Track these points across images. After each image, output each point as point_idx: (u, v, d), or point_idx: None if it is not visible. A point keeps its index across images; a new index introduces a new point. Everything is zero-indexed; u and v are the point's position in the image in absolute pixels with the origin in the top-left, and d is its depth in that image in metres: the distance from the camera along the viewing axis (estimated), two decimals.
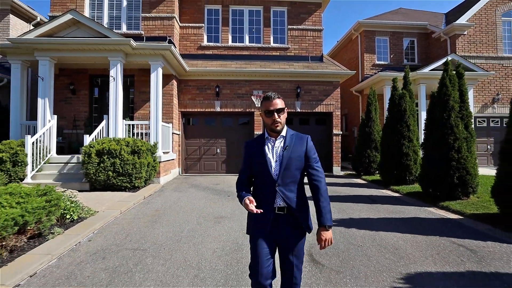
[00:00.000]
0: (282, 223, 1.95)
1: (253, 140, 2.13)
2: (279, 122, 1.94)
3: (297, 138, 2.02)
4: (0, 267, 3.22)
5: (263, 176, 1.98)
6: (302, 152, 1.99)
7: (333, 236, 3.98)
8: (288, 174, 1.94)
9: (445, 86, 6.35)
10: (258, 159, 2.01)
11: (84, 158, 7.18)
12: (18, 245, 3.62)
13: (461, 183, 6.06)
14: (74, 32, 8.44)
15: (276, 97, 1.97)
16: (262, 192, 2.00)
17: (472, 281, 3.03)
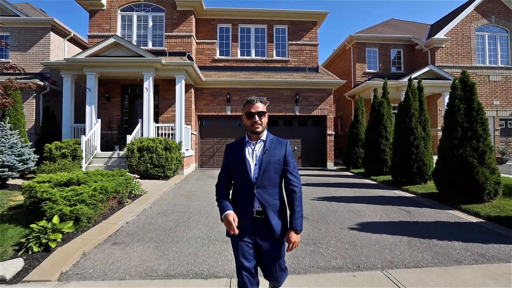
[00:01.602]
0: (260, 226, 1.99)
1: (233, 143, 2.17)
2: (260, 124, 1.99)
3: (276, 142, 2.07)
4: (111, 215, 5.22)
5: (242, 178, 2.01)
6: (281, 157, 2.03)
7: (318, 207, 6.04)
8: (266, 177, 1.97)
9: (408, 98, 8.29)
10: (237, 161, 2.04)
11: (128, 153, 9.16)
12: (113, 206, 5.61)
13: (418, 171, 8.01)
14: (115, 52, 10.42)
15: (259, 101, 2.04)
16: (240, 195, 2.04)
17: (399, 225, 4.98)
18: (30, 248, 3.72)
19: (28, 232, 4.20)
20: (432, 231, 4.62)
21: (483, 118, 6.13)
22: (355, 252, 3.86)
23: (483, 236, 4.44)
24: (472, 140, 6.04)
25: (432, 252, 3.84)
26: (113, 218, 5.18)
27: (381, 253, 3.82)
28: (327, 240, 4.31)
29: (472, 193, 5.95)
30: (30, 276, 3.27)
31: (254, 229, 2.00)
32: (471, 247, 3.97)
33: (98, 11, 12.57)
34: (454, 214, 5.65)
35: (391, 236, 4.41)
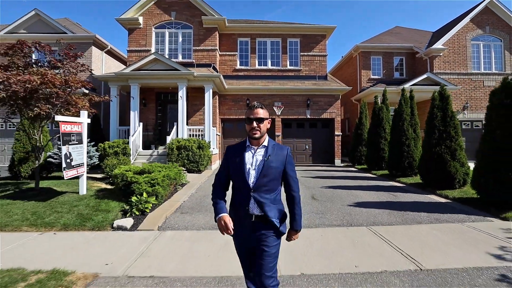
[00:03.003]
0: (259, 229, 2.03)
1: (234, 146, 2.20)
2: (258, 131, 2.03)
3: (278, 148, 2.11)
4: (171, 196, 7.13)
5: (240, 182, 2.04)
6: (282, 163, 2.07)
7: (325, 192, 7.83)
8: (265, 182, 2.01)
9: (401, 105, 10.00)
10: (236, 165, 2.07)
11: (168, 151, 11.11)
12: (171, 190, 7.53)
13: (409, 166, 9.71)
14: (154, 66, 12.39)
15: (259, 107, 2.07)
16: (239, 198, 2.07)
17: (385, 203, 6.75)
18: (133, 212, 5.65)
19: (123, 204, 6.15)
20: (408, 207, 6.37)
21: (455, 123, 7.81)
22: (349, 218, 5.66)
23: (444, 209, 6.17)
24: (446, 140, 7.74)
25: (403, 218, 5.61)
26: (174, 198, 7.09)
27: (367, 218, 5.60)
28: (331, 211, 6.11)
29: (446, 181, 7.65)
30: (140, 227, 5.18)
31: (254, 233, 2.02)
32: (432, 216, 5.72)
33: (136, 29, 14.58)
34: (430, 197, 7.37)
35: (377, 209, 6.19)
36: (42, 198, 6.62)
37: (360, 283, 3.14)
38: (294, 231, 2.18)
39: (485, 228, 4.89)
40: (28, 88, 5.98)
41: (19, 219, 5.36)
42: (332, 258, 3.80)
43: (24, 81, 5.85)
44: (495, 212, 5.67)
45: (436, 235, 4.62)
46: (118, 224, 5.17)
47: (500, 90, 6.08)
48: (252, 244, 2.05)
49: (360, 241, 4.40)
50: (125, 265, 3.65)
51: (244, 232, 2.05)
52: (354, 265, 3.57)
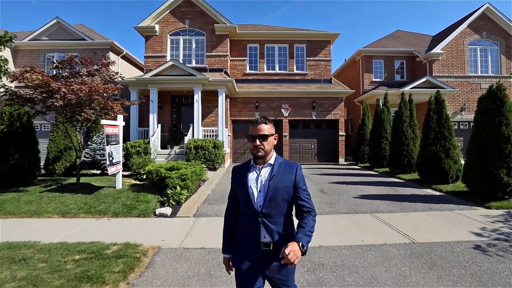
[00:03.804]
0: (269, 258, 1.79)
1: (239, 166, 2.02)
2: (261, 149, 1.83)
3: (286, 166, 1.90)
4: (197, 190, 8.08)
5: (246, 206, 1.86)
6: (291, 182, 1.85)
7: (332, 187, 8.79)
8: (273, 205, 1.80)
9: (401, 108, 10.91)
10: (240, 187, 1.90)
11: (186, 150, 12.07)
12: (197, 185, 8.48)
13: (408, 164, 10.62)
14: (171, 72, 13.35)
15: (263, 122, 1.86)
16: (246, 223, 1.88)
17: (386, 196, 7.67)
18: (170, 203, 6.61)
19: (158, 196, 7.12)
20: (406, 199, 7.30)
21: (449, 125, 8.72)
22: (355, 207, 6.59)
23: (437, 200, 7.09)
24: (441, 140, 8.65)
25: (401, 207, 6.54)
26: (199, 191, 8.05)
27: (371, 207, 6.53)
28: (338, 202, 7.05)
29: (440, 177, 8.56)
30: (178, 214, 6.14)
31: (262, 261, 1.81)
32: (427, 205, 6.65)
33: (152, 36, 15.54)
34: (426, 190, 8.29)
35: (379, 200, 7.12)
36: (86, 191, 7.59)
37: (366, 251, 4.08)
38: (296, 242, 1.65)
39: (470, 214, 5.82)
40: (80, 97, 6.94)
41: (75, 208, 6.34)
42: (342, 235, 4.74)
43: (76, 90, 6.82)
44: (481, 202, 6.59)
45: (428, 219, 5.55)
46: (160, 212, 6.13)
47: (486, 97, 6.99)
48: (261, 272, 1.81)
49: (364, 224, 5.34)
50: (178, 241, 4.61)
51: (252, 261, 1.81)
52: (361, 240, 4.51)
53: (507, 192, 6.46)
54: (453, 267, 3.58)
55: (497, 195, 6.54)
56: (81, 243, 4.31)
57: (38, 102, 7.51)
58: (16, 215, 6.06)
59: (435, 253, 3.97)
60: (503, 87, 6.84)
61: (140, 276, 3.43)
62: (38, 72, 6.98)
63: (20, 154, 8.60)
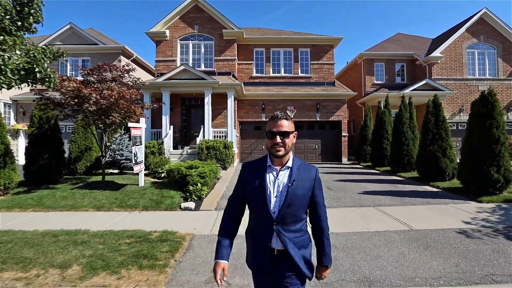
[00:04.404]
0: (282, 267, 1.71)
1: (253, 163, 1.85)
2: (282, 147, 1.67)
3: (304, 170, 1.76)
4: (214, 187, 8.78)
5: (260, 211, 1.71)
6: (310, 188, 1.73)
7: (338, 184, 9.47)
8: (290, 212, 1.67)
9: (401, 110, 11.61)
10: (255, 189, 1.72)
11: (198, 150, 12.77)
12: (213, 182, 9.18)
13: (408, 163, 11.32)
14: (183, 76, 14.06)
15: (283, 117, 1.70)
16: (257, 230, 1.74)
17: (388, 192, 8.37)
18: (193, 198, 7.32)
19: (179, 192, 7.83)
20: (406, 194, 8.00)
21: (446, 126, 9.41)
22: (360, 201, 7.29)
23: (434, 196, 7.79)
24: (439, 141, 9.34)
25: (401, 201, 7.24)
26: (216, 188, 8.76)
27: (373, 202, 7.23)
28: (344, 197, 7.75)
29: (438, 175, 9.25)
30: (201, 208, 6.84)
31: (276, 270, 1.70)
32: (424, 200, 7.34)
33: (163, 41, 16.25)
34: (424, 187, 8.99)
35: (381, 196, 7.82)
36: (112, 188, 8.30)
37: (371, 236, 4.79)
38: (324, 267, 1.81)
39: (463, 207, 6.51)
40: (110, 102, 7.66)
41: (108, 203, 7.05)
42: (349, 224, 5.44)
43: (107, 96, 7.53)
44: (473, 197, 7.29)
45: (425, 211, 6.25)
46: (184, 206, 6.84)
47: (478, 101, 7.68)
48: (273, 280, 1.73)
49: (369, 215, 6.05)
50: (208, 229, 5.31)
51: (264, 269, 1.71)
52: (366, 227, 5.21)
53: (497, 187, 7.15)
54: (444, 247, 4.28)
55: (488, 190, 7.23)
56: (126, 231, 5.02)
57: (70, 106, 8.20)
58: (56, 209, 6.76)
59: (430, 237, 4.67)
60: (493, 93, 7.53)
61: (184, 255, 4.14)
62: (73, 80, 7.69)
63: (49, 155, 9.29)
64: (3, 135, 7.71)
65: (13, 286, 3.27)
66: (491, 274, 3.51)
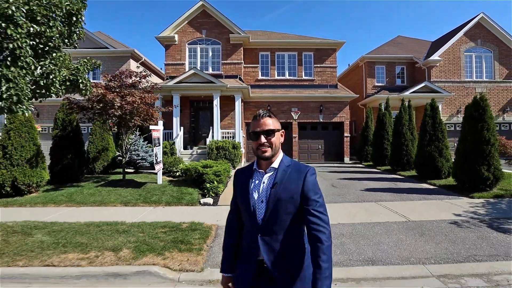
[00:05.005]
0: (265, 278, 1.51)
1: (243, 169, 1.73)
2: (268, 147, 1.52)
3: (293, 171, 1.55)
4: (227, 184, 9.48)
5: (246, 218, 1.59)
6: (297, 191, 1.50)
7: (341, 182, 10.19)
8: (275, 219, 1.49)
9: (401, 112, 12.29)
10: (241, 196, 1.61)
11: (209, 151, 13.47)
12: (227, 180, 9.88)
13: (407, 162, 12.01)
14: (192, 79, 14.75)
15: (266, 115, 1.57)
16: (246, 239, 1.60)
17: (388, 189, 9.06)
18: (210, 194, 8.01)
19: (197, 189, 8.52)
20: (405, 191, 8.69)
21: (443, 128, 10.09)
22: (362, 197, 7.98)
23: (431, 192, 8.48)
24: (435, 142, 10.02)
25: (400, 197, 7.93)
26: (229, 186, 9.44)
27: (375, 197, 7.92)
28: (348, 194, 8.44)
29: (435, 174, 9.94)
30: (219, 203, 7.54)
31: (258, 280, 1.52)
32: (421, 196, 8.03)
33: (172, 45, 16.94)
34: (422, 185, 9.67)
35: (382, 192, 8.51)
36: (133, 186, 9.00)
37: (373, 226, 5.48)
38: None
39: (455, 202, 7.20)
40: (134, 107, 8.36)
41: (133, 199, 7.75)
42: (354, 217, 6.14)
43: (131, 102, 8.23)
44: (466, 193, 7.97)
45: (421, 206, 6.95)
46: (204, 201, 7.54)
47: (471, 105, 8.36)
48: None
49: (371, 209, 6.74)
50: None
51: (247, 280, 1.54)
52: (369, 219, 5.91)
53: (487, 184, 7.84)
54: (436, 235, 4.97)
55: (479, 187, 7.91)
56: (157, 222, 5.72)
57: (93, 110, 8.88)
58: (86, 204, 7.46)
59: (425, 227, 5.36)
60: (485, 98, 8.21)
61: (213, 241, 4.83)
62: (100, 86, 8.39)
63: (72, 155, 9.98)
64: (35, 137, 8.40)
65: (79, 264, 3.98)
66: (474, 255, 4.21)
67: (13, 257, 4.12)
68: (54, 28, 4.69)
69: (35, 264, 4.01)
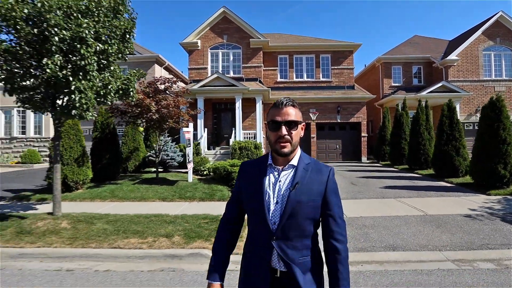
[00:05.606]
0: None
1: (251, 163, 1.54)
2: (288, 142, 1.33)
3: (314, 170, 1.40)
4: None
5: (257, 221, 1.39)
6: (319, 194, 1.36)
7: (360, 180, 10.67)
8: (293, 224, 1.32)
9: (418, 113, 12.65)
10: (251, 194, 1.41)
11: (232, 151, 14.19)
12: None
13: (425, 161, 12.36)
14: (215, 82, 15.51)
15: (290, 104, 1.37)
16: (255, 245, 1.42)
17: (406, 187, 9.51)
18: None
19: (226, 186, 9.22)
20: (422, 188, 9.12)
21: (460, 128, 10.42)
22: (381, 194, 8.48)
23: (448, 190, 8.88)
24: (453, 141, 10.37)
25: (418, 194, 8.38)
26: None
27: (394, 194, 8.41)
28: (368, 191, 8.95)
29: (452, 172, 10.29)
30: None
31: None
32: (439, 193, 8.46)
33: (195, 51, 17.77)
34: (439, 183, 10.06)
35: (400, 190, 8.98)
36: (167, 184, 9.79)
37: (393, 219, 6.02)
38: None
39: (471, 199, 7.62)
40: (169, 110, 9.14)
41: (170, 195, 8.51)
42: (375, 211, 6.68)
43: (167, 106, 9.02)
44: (483, 191, 8.35)
45: (438, 202, 7.41)
46: None
47: (487, 106, 8.71)
48: None
49: (390, 204, 7.26)
50: None
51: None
52: (389, 213, 6.44)
53: (504, 182, 8.20)
54: (452, 227, 5.47)
55: (496, 185, 8.28)
56: (197, 214, 6.43)
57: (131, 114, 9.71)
58: (128, 200, 8.27)
59: (441, 220, 5.86)
60: (501, 98, 8.55)
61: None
62: (140, 92, 9.21)
63: (110, 155, 10.88)
64: (81, 139, 9.30)
65: (141, 247, 4.72)
66: (487, 244, 4.70)
67: (86, 240, 4.91)
68: (114, 45, 5.47)
69: (104, 246, 4.78)
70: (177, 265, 4.36)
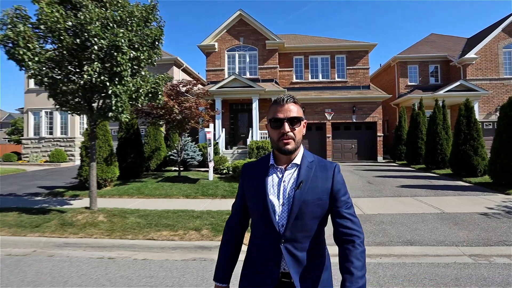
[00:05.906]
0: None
1: (252, 164, 1.50)
2: (291, 139, 1.30)
3: (318, 168, 1.37)
4: None
5: (261, 223, 1.35)
6: (325, 192, 1.33)
7: (377, 179, 10.86)
8: (300, 225, 1.29)
9: (435, 112, 12.67)
10: (254, 196, 1.38)
11: (249, 150, 14.55)
12: None
13: (442, 161, 12.37)
14: (233, 84, 15.90)
15: (291, 101, 1.34)
16: (259, 248, 1.38)
17: (422, 186, 9.62)
18: None
19: None
20: (439, 188, 9.21)
21: (478, 127, 10.43)
22: (398, 192, 8.64)
23: (465, 189, 8.95)
24: (470, 141, 10.39)
25: (435, 193, 8.50)
26: None
27: (410, 193, 8.55)
28: (384, 190, 9.12)
29: (470, 172, 10.32)
30: None
31: None
32: (456, 192, 8.55)
33: (212, 53, 18.22)
34: (457, 182, 10.10)
35: (417, 189, 9.10)
36: (189, 182, 10.22)
37: (410, 216, 6.21)
38: None
39: (490, 198, 7.70)
40: (192, 111, 9.58)
41: (193, 192, 8.93)
42: (392, 208, 6.88)
43: (189, 107, 9.45)
44: (502, 190, 8.39)
45: (456, 200, 7.53)
46: None
47: (506, 105, 8.74)
48: None
49: (407, 202, 7.43)
50: None
51: None
52: (406, 210, 6.64)
53: None
54: (469, 224, 5.63)
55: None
56: (222, 210, 6.80)
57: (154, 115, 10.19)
58: (153, 196, 8.73)
59: (458, 218, 6.02)
60: None
61: None
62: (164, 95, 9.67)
63: (134, 155, 11.43)
64: (109, 139, 9.84)
65: (173, 239, 5.11)
66: (504, 241, 4.86)
67: (122, 232, 5.35)
68: (145, 52, 5.89)
69: (139, 238, 5.20)
70: (207, 255, 4.72)
